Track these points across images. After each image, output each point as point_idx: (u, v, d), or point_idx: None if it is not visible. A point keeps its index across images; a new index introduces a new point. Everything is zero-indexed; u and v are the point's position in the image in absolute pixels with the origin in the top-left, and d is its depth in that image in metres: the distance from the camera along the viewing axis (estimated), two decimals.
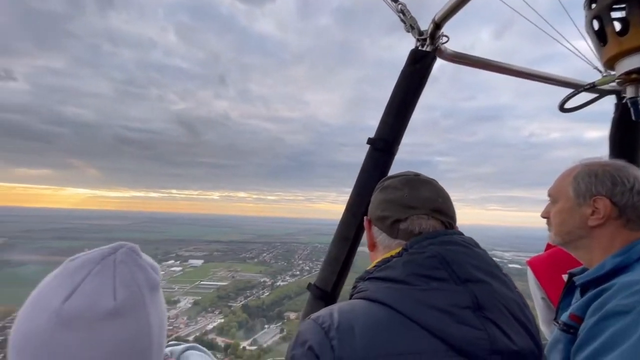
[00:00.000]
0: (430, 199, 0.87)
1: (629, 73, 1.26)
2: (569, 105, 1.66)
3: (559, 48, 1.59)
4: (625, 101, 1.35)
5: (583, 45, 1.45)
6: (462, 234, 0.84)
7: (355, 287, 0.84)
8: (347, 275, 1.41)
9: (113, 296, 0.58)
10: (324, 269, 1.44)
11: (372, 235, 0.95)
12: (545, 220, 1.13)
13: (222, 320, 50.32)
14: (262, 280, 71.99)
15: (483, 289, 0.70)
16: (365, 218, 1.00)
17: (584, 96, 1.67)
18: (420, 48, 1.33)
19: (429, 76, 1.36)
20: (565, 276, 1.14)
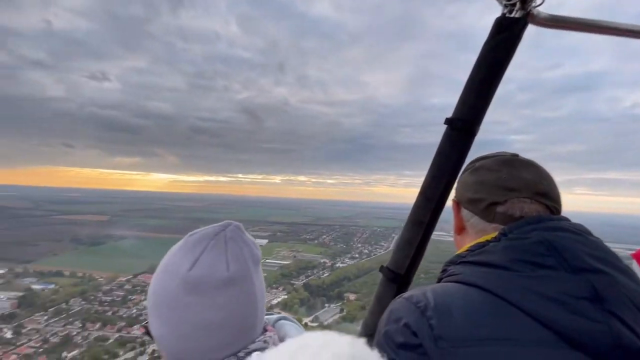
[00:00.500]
0: (533, 181, 0.82)
1: None
2: None
3: None
4: None
5: None
6: (569, 220, 0.78)
7: (444, 270, 0.82)
8: (422, 259, 1.40)
9: (227, 267, 0.67)
10: (396, 252, 1.42)
11: (461, 218, 0.91)
12: None
13: (286, 297, 52.94)
14: (322, 261, 74.14)
15: (603, 280, 0.65)
16: (452, 200, 0.97)
17: None
18: (507, 15, 1.17)
19: (517, 46, 1.20)
20: None
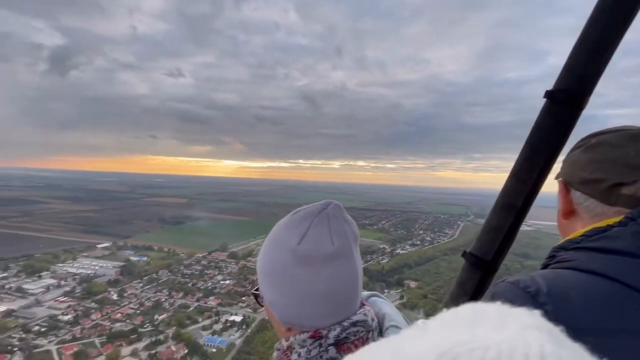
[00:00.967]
0: None
1: None
2: None
3: None
4: None
5: None
6: None
7: (552, 256, 0.77)
8: (511, 246, 1.30)
9: (331, 242, 0.72)
10: (481, 238, 1.34)
11: (571, 200, 0.83)
12: None
13: None
14: (381, 246, 73.36)
15: None
16: (559, 181, 0.88)
17: None
18: None
19: None
20: None
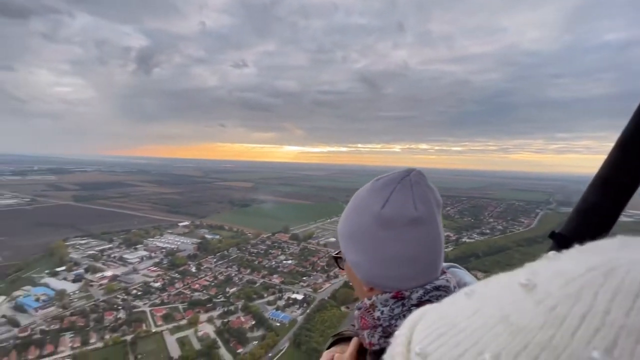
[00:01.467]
0: None
1: None
2: None
3: None
4: None
5: None
6: None
7: None
8: (612, 228, 1.17)
9: (414, 208, 0.73)
10: (574, 217, 1.21)
11: None
12: None
13: None
14: (445, 234, 69.34)
15: None
16: None
17: None
18: None
19: None
20: None
